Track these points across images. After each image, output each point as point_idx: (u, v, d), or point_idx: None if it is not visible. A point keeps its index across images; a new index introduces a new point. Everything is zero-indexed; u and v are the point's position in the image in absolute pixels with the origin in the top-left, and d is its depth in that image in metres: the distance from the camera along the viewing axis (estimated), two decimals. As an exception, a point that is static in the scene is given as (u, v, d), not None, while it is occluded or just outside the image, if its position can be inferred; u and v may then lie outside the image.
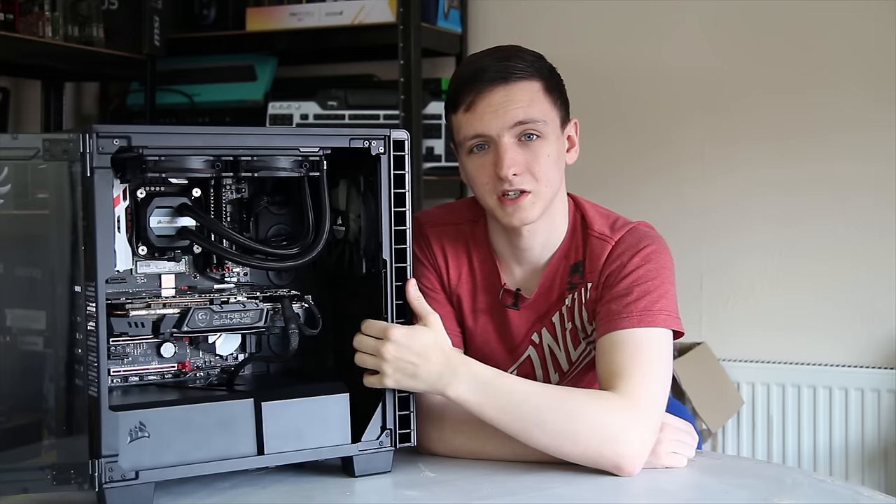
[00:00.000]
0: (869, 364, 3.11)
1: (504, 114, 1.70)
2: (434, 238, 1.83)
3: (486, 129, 1.70)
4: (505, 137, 1.70)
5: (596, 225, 1.80)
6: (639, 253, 1.74)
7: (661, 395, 1.64)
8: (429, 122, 3.17)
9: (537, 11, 3.38)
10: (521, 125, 1.70)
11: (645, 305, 1.68)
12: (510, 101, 1.70)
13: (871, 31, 3.08)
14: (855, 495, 1.54)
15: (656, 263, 1.74)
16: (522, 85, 1.71)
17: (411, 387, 1.58)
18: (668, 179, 3.26)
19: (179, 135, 1.48)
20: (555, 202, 1.77)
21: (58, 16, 2.94)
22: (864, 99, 3.09)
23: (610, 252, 1.76)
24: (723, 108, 3.22)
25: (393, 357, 1.55)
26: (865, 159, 3.09)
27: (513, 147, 1.70)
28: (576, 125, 1.81)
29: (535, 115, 1.71)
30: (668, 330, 1.69)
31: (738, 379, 3.20)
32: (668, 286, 1.72)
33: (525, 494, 1.52)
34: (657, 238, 1.78)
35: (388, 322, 1.59)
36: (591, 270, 1.78)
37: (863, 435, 3.09)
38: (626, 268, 1.73)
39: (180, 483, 1.50)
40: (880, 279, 3.09)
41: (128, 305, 1.50)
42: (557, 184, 1.75)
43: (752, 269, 3.20)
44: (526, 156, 1.71)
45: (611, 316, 1.69)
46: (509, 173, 1.69)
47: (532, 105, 1.71)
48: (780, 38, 3.17)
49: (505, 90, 1.70)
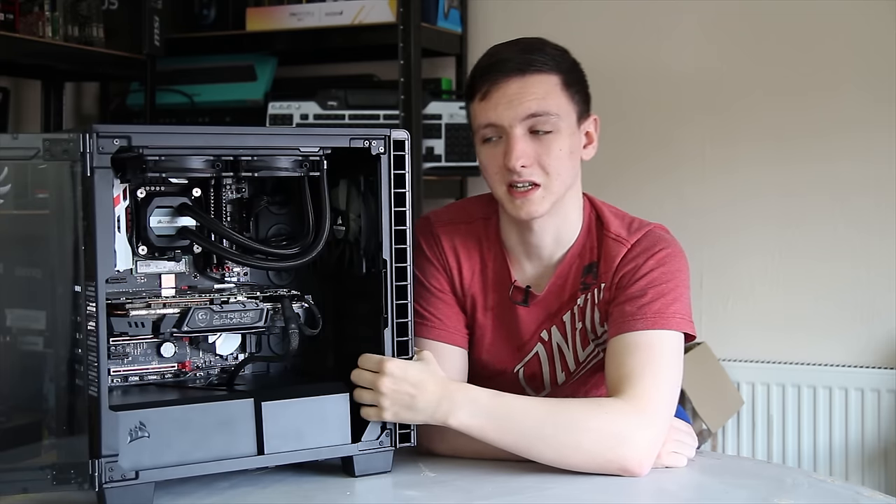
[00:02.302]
0: (869, 364, 3.11)
1: (517, 105, 1.70)
2: (445, 237, 1.83)
3: (499, 119, 1.71)
4: (517, 128, 1.70)
5: (612, 226, 1.79)
6: (654, 255, 1.74)
7: (670, 397, 1.64)
8: (429, 122, 3.17)
9: (537, 11, 3.37)
10: (533, 117, 1.70)
11: (659, 308, 1.68)
12: (525, 93, 1.70)
13: (872, 31, 3.08)
14: (855, 495, 1.54)
15: (671, 266, 1.73)
16: (539, 78, 1.71)
17: (411, 418, 1.57)
18: (669, 179, 3.26)
19: (179, 135, 1.48)
20: (567, 198, 1.77)
21: (58, 16, 2.94)
22: (865, 99, 3.09)
23: (626, 254, 1.76)
24: (723, 108, 3.22)
25: (390, 390, 1.55)
26: (866, 160, 3.09)
27: (523, 139, 1.70)
28: (596, 122, 1.80)
29: (549, 109, 1.70)
30: (680, 333, 1.69)
31: (738, 379, 3.20)
32: (682, 289, 1.72)
33: (525, 494, 1.52)
34: (673, 242, 1.78)
35: (385, 355, 1.58)
36: (606, 271, 1.77)
37: (863, 435, 3.09)
38: (640, 270, 1.73)
39: (180, 483, 1.50)
40: (880, 279, 3.09)
41: (128, 305, 1.50)
42: (569, 179, 1.75)
43: (752, 269, 3.20)
44: (537, 148, 1.71)
45: (624, 317, 1.69)
46: (517, 164, 1.69)
47: (547, 98, 1.71)
48: (780, 38, 3.17)
49: (521, 81, 1.71)
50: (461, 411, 1.57)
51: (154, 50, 3.20)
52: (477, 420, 1.57)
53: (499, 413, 1.58)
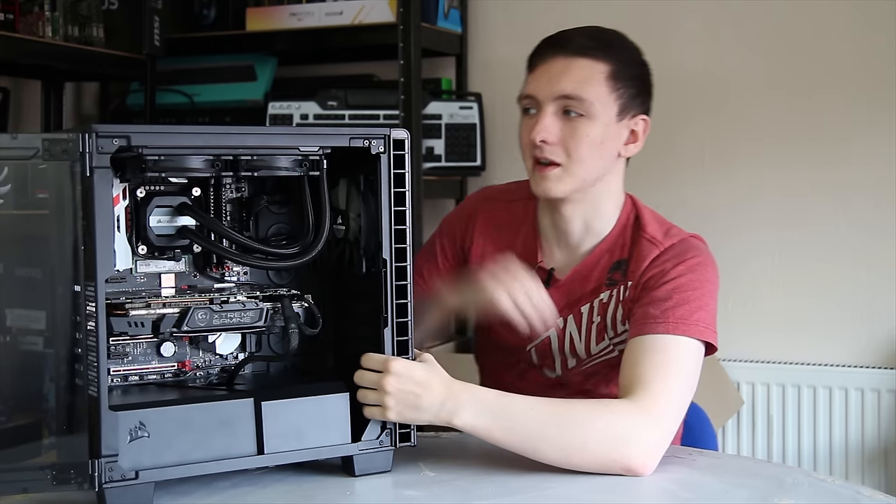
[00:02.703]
0: (869, 364, 3.11)
1: (555, 83, 1.73)
2: (481, 213, 1.89)
3: (535, 92, 1.75)
4: (549, 105, 1.74)
5: (649, 228, 1.80)
6: (685, 262, 1.74)
7: (680, 402, 1.63)
8: (429, 122, 3.17)
9: (537, 11, 3.37)
10: (565, 99, 1.73)
11: (682, 314, 1.67)
12: (565, 74, 1.73)
13: (872, 33, 3.08)
14: (855, 495, 1.54)
15: (700, 275, 1.73)
16: (584, 63, 1.74)
17: (415, 418, 1.56)
18: (669, 180, 3.26)
19: (179, 134, 1.48)
20: (599, 189, 1.79)
21: (58, 16, 2.94)
22: (865, 102, 3.09)
23: (657, 256, 1.76)
24: (724, 109, 3.22)
25: (395, 389, 1.54)
26: (866, 161, 3.09)
27: (552, 117, 1.74)
28: (646, 122, 1.82)
29: (584, 95, 1.72)
30: (700, 343, 1.67)
31: (738, 379, 3.20)
32: (708, 299, 1.71)
33: (525, 494, 1.51)
34: (707, 253, 1.78)
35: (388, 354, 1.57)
36: (635, 270, 1.78)
37: (863, 435, 3.09)
38: (668, 274, 1.73)
39: (180, 483, 1.50)
40: (880, 280, 3.09)
41: (128, 305, 1.50)
42: (593, 167, 1.76)
43: (752, 270, 3.20)
44: (564, 130, 1.73)
45: (646, 319, 1.68)
46: (537, 138, 1.73)
47: (585, 84, 1.73)
48: (780, 41, 3.17)
49: (565, 62, 1.74)
50: (466, 411, 1.56)
51: (154, 50, 3.20)
52: (482, 420, 1.57)
53: (504, 413, 1.57)
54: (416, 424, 1.59)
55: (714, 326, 1.70)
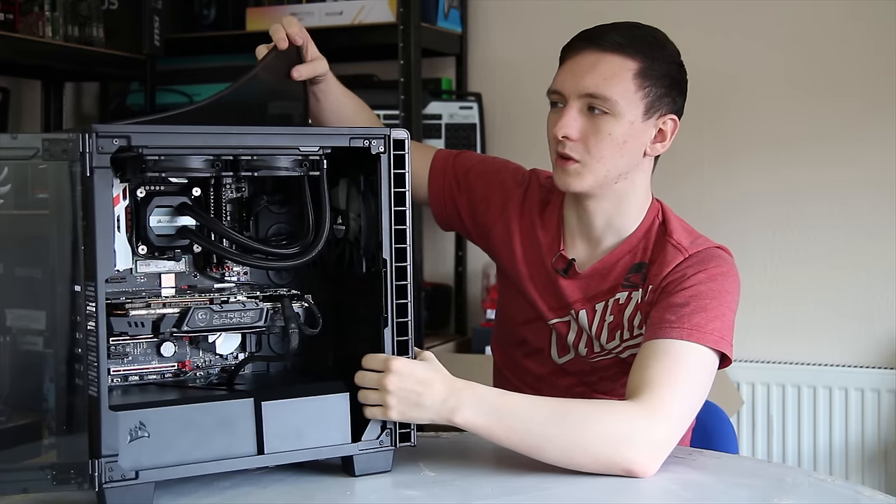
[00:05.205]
0: (869, 364, 3.11)
1: (581, 80, 1.73)
2: (529, 191, 1.91)
3: (561, 88, 1.75)
4: (573, 101, 1.74)
5: (676, 233, 1.80)
6: (707, 270, 1.73)
7: (687, 408, 1.61)
8: (429, 122, 3.17)
9: (537, 11, 3.37)
10: (589, 97, 1.73)
11: (698, 321, 1.65)
12: (591, 70, 1.73)
13: (873, 35, 3.08)
14: (855, 495, 1.54)
15: (720, 285, 1.72)
16: (613, 59, 1.73)
17: (417, 417, 1.55)
18: (669, 180, 3.25)
19: (179, 134, 1.48)
20: (623, 188, 1.79)
21: (58, 16, 2.94)
22: (864, 104, 3.09)
23: (680, 262, 1.75)
24: (724, 110, 3.22)
25: (396, 388, 1.53)
26: (866, 163, 3.09)
27: (575, 113, 1.73)
28: (675, 122, 1.80)
29: (608, 93, 1.71)
30: (715, 353, 1.65)
31: (738, 379, 3.20)
32: (726, 310, 1.69)
33: (525, 494, 1.51)
34: (731, 264, 1.77)
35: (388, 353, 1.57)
36: (656, 274, 1.77)
37: (863, 435, 3.09)
38: (689, 280, 1.71)
39: (180, 483, 1.50)
40: (880, 280, 3.09)
41: (128, 305, 1.50)
42: (616, 165, 1.75)
43: (752, 270, 3.20)
44: (587, 127, 1.73)
45: (661, 323, 1.67)
46: (560, 134, 1.73)
47: (610, 81, 1.72)
48: (780, 42, 3.17)
49: (594, 58, 1.74)
50: (467, 409, 1.56)
51: (154, 50, 3.20)
52: (483, 419, 1.56)
53: (505, 411, 1.56)
54: (418, 423, 1.58)
55: (730, 338, 1.68)
